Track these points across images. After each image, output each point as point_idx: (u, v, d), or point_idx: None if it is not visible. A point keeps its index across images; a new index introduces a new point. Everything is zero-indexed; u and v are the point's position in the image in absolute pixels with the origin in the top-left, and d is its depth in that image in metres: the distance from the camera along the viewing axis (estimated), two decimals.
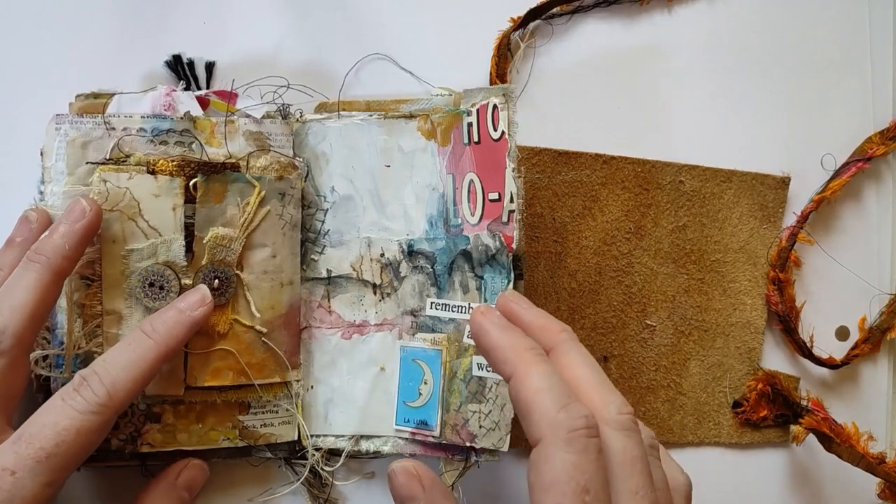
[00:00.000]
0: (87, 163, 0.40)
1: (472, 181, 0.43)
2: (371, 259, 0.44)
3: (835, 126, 0.51)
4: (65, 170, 0.40)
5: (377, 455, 0.44)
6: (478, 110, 0.42)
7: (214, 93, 0.42)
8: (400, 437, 0.44)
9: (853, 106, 0.51)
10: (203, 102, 0.41)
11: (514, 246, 0.41)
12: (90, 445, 0.34)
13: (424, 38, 0.47)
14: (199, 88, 0.44)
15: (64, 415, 0.33)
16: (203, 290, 0.39)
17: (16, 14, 0.44)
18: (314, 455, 0.44)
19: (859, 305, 0.50)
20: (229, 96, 0.42)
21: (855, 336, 0.50)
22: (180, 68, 0.45)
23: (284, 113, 0.44)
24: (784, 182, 0.49)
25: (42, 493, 0.32)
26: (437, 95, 0.45)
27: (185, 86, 0.44)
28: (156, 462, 0.42)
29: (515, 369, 0.32)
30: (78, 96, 0.41)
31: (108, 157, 0.40)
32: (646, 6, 0.49)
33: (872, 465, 0.45)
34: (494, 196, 0.42)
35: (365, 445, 0.44)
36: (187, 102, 0.42)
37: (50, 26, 0.44)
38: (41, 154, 0.40)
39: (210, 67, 0.45)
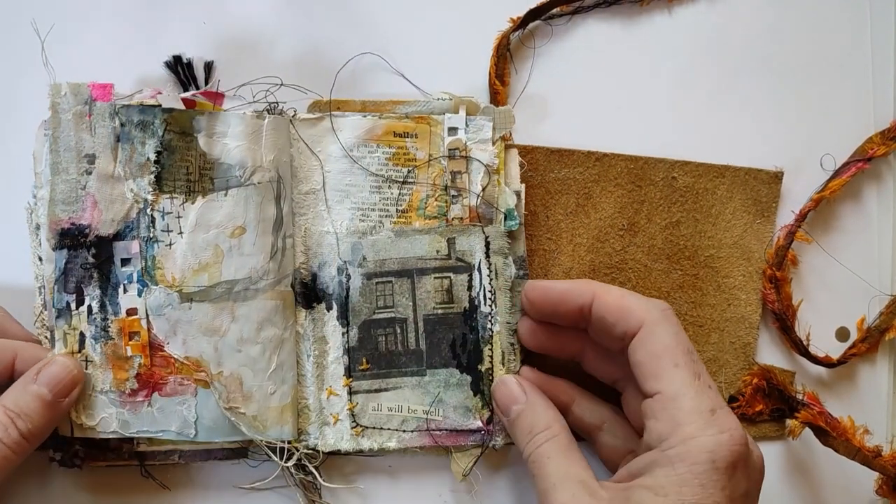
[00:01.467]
0: None
1: None
2: None
3: (835, 126, 0.50)
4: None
5: (381, 452, 0.45)
6: None
7: (201, 93, 0.42)
8: (405, 431, 0.44)
9: (853, 106, 0.50)
10: (189, 104, 0.42)
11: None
12: None
13: (424, 38, 0.47)
14: (197, 88, 0.44)
15: None
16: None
17: (16, 13, 0.45)
18: (298, 450, 0.43)
19: (859, 306, 0.50)
20: (215, 97, 0.42)
21: (855, 337, 0.50)
22: (180, 68, 0.44)
23: (275, 112, 0.44)
24: (777, 177, 0.49)
25: None
26: (438, 100, 0.45)
27: (171, 86, 0.44)
28: (154, 462, 0.43)
29: (594, 293, 0.40)
30: None
31: None
32: (646, 6, 0.49)
33: (868, 458, 0.45)
34: None
35: (367, 444, 0.44)
36: (174, 104, 0.42)
37: (50, 26, 0.44)
38: (34, 158, 0.41)
39: (209, 67, 0.45)
